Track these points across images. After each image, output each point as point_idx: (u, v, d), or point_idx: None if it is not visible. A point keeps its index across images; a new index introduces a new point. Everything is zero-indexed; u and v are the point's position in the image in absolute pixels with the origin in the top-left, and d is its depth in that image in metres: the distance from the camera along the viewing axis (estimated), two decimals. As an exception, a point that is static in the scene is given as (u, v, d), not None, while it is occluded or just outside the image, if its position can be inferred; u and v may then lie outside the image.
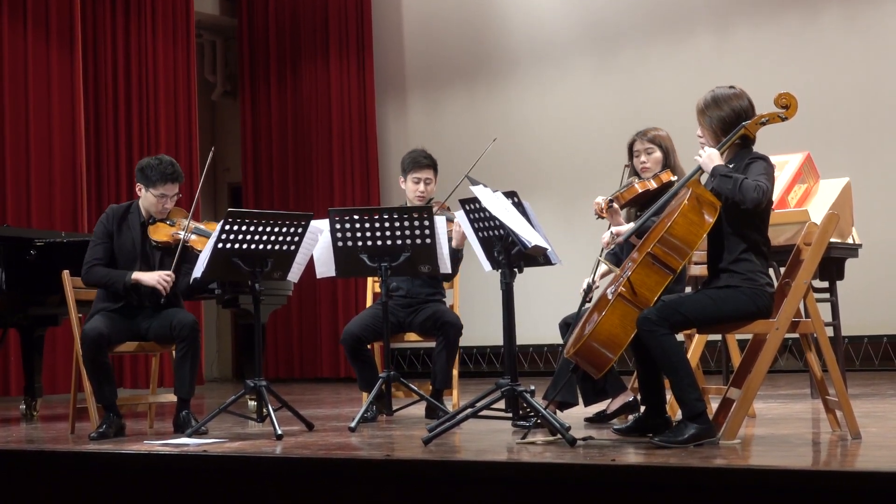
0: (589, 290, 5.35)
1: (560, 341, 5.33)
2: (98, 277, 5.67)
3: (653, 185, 5.40)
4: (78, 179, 9.81)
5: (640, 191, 5.41)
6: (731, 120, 4.45)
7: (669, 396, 4.59)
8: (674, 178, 5.38)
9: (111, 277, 5.64)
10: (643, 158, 5.50)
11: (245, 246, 5.32)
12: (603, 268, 5.46)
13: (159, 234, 5.75)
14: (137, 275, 5.61)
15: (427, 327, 6.10)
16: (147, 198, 5.75)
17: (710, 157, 4.39)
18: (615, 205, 5.42)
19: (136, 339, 5.71)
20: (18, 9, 9.62)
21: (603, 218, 5.46)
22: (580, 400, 5.47)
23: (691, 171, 4.52)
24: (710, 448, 4.10)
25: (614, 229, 5.29)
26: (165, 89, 10.86)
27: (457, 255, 6.07)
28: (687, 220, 4.28)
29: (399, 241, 5.54)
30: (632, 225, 5.07)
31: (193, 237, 5.74)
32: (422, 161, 6.24)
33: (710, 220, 4.30)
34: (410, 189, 6.25)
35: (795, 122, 4.74)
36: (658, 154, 5.50)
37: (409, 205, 6.16)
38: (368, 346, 6.11)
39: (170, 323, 5.58)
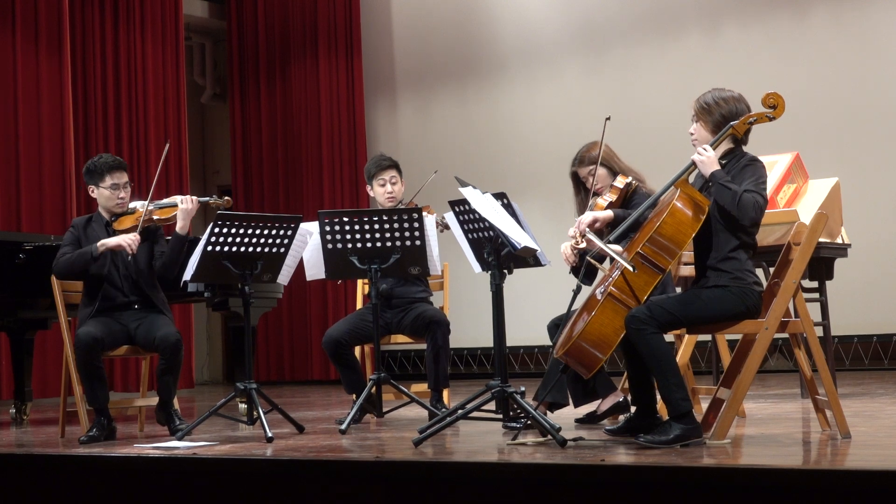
0: (578, 290, 5.32)
1: (550, 342, 5.33)
2: (65, 262, 5.64)
3: (613, 196, 5.38)
4: (67, 183, 9.79)
5: (605, 206, 5.38)
6: (723, 122, 4.44)
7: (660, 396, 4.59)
8: (629, 179, 5.38)
9: (79, 255, 5.61)
10: (591, 181, 5.45)
11: (235, 248, 5.32)
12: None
13: (124, 224, 5.75)
14: (103, 241, 5.57)
15: (416, 328, 6.09)
16: (102, 195, 5.75)
17: (710, 161, 4.37)
18: (587, 230, 5.27)
19: (127, 343, 5.70)
20: (7, 13, 9.59)
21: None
22: (570, 400, 5.47)
23: (681, 170, 4.47)
24: (701, 448, 4.10)
25: (591, 215, 5.13)
26: (154, 92, 10.84)
27: None
28: (676, 220, 4.29)
29: (389, 243, 5.53)
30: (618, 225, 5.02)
31: (155, 209, 5.74)
32: (383, 163, 6.31)
33: (699, 219, 4.30)
34: (379, 193, 6.27)
35: (784, 122, 4.75)
36: (601, 170, 5.47)
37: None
38: (351, 350, 6.10)
39: (154, 336, 5.56)
